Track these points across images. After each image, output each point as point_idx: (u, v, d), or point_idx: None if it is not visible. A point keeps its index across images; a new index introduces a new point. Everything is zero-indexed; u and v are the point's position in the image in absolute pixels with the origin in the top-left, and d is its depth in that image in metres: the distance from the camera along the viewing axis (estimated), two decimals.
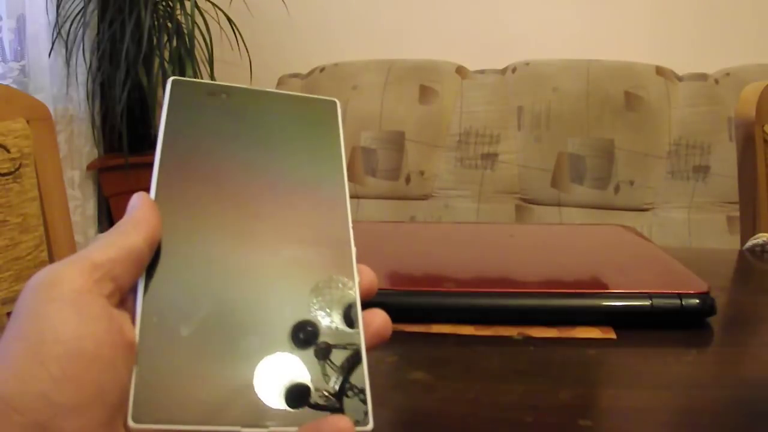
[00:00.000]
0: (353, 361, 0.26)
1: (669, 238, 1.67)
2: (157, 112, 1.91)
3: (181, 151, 0.29)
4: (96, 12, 1.88)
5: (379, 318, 0.27)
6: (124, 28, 1.78)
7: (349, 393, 0.25)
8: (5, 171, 0.66)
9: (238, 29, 1.93)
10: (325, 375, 0.25)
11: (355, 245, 0.29)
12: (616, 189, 1.72)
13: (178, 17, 1.90)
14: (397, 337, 0.29)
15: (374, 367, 0.25)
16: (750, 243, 0.71)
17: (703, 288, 0.49)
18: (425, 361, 0.44)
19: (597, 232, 0.73)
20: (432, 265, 0.58)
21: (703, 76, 1.73)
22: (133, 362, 0.23)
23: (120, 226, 0.25)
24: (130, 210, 0.26)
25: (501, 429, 0.37)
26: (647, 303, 0.48)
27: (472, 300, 0.50)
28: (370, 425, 0.24)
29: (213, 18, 1.93)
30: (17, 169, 0.67)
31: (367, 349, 0.26)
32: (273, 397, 0.24)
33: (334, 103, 0.34)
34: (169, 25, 1.89)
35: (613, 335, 0.47)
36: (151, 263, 0.26)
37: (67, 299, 0.22)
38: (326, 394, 0.24)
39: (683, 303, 0.48)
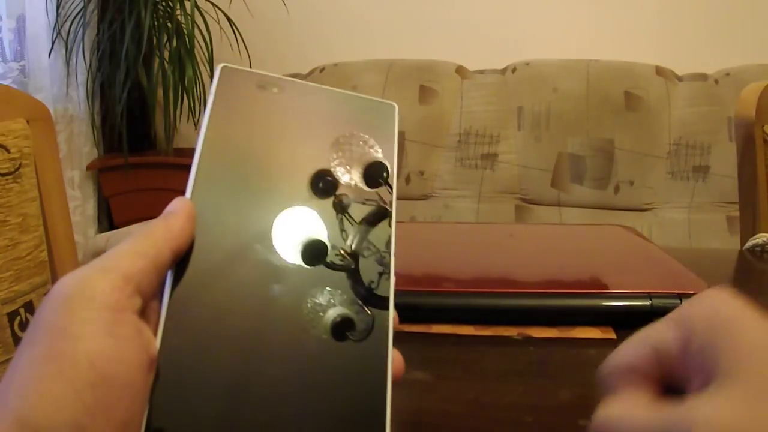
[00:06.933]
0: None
1: (669, 238, 1.67)
2: (156, 113, 1.91)
3: (224, 148, 0.27)
4: (96, 12, 1.88)
5: (396, 359, 0.27)
6: (124, 28, 1.78)
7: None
8: (5, 171, 0.66)
9: (238, 29, 1.93)
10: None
11: (396, 249, 0.29)
12: (616, 189, 1.72)
13: (178, 17, 1.90)
14: (397, 337, 0.29)
15: None
16: (750, 243, 0.71)
17: (703, 288, 0.49)
18: (425, 361, 0.44)
19: (597, 232, 0.73)
20: (432, 265, 0.58)
21: (703, 76, 1.73)
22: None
23: (152, 231, 0.24)
24: (166, 215, 0.25)
25: (501, 429, 0.37)
26: (647, 303, 0.48)
27: (472, 300, 0.50)
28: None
29: (213, 18, 1.93)
30: (17, 169, 0.67)
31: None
32: None
33: (393, 106, 0.32)
34: (169, 25, 1.89)
35: (613, 335, 0.47)
36: (178, 272, 0.24)
37: (101, 318, 0.21)
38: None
39: (683, 303, 0.48)
